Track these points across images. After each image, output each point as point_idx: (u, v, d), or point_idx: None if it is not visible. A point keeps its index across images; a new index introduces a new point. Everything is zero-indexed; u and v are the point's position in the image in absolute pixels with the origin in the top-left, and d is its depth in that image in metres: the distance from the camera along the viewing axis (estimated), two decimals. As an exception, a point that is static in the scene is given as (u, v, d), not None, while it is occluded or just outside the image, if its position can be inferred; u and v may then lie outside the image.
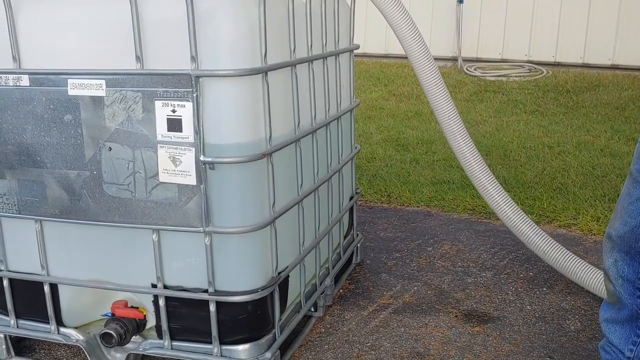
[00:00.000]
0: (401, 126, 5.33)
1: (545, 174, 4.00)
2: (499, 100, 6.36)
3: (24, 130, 1.86)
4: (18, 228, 1.99)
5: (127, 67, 1.75)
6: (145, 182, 1.81)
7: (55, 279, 2.01)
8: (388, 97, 6.59)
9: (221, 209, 1.81)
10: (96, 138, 1.81)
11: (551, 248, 2.52)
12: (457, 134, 2.52)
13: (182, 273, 1.90)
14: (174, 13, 1.69)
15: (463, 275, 2.75)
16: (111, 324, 1.96)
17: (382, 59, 8.82)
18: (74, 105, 1.80)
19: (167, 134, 1.75)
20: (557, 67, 7.87)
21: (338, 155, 2.49)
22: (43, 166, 1.88)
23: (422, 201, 3.61)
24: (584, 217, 3.31)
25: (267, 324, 1.99)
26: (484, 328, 2.33)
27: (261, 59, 1.78)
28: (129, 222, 1.85)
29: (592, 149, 4.57)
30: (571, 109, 5.94)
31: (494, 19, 8.26)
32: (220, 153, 1.76)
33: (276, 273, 1.97)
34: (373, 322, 2.38)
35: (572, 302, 2.51)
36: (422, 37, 2.43)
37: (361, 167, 4.18)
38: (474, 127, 5.27)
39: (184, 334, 1.96)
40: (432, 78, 2.46)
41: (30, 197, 1.92)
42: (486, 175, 2.55)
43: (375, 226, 3.30)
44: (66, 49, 1.80)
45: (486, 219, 3.37)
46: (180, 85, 1.71)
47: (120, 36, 1.74)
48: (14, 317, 2.09)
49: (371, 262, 2.89)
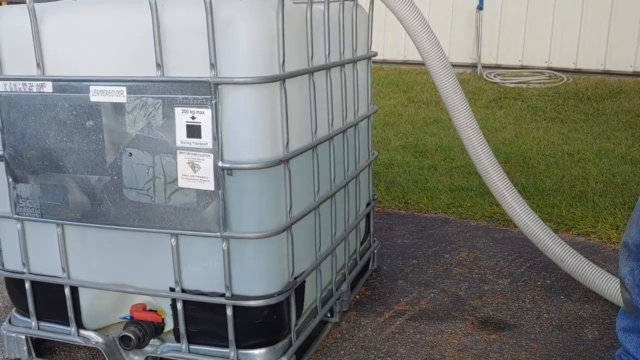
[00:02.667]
0: (420, 133, 5.33)
1: (564, 182, 3.98)
2: (519, 107, 6.33)
3: (47, 135, 1.90)
4: (40, 231, 2.03)
5: (147, 74, 1.78)
6: (164, 187, 1.84)
7: (76, 281, 2.04)
8: (407, 104, 6.59)
9: (238, 214, 1.83)
10: (117, 144, 1.85)
11: (569, 256, 2.51)
12: (475, 142, 2.52)
13: (199, 277, 1.92)
14: (194, 21, 1.72)
15: (480, 283, 2.74)
16: (130, 327, 1.98)
17: (401, 66, 8.83)
18: (95, 111, 1.84)
19: (186, 140, 1.78)
20: (578, 74, 7.82)
21: (355, 162, 2.50)
22: (65, 171, 1.92)
23: (440, 208, 3.61)
24: (603, 225, 3.29)
25: (283, 329, 2.01)
26: (501, 336, 2.33)
27: (279, 67, 1.80)
28: (148, 226, 1.88)
29: (612, 156, 4.54)
30: (591, 116, 5.90)
31: (514, 26, 8.23)
32: (238, 159, 1.79)
33: (292, 278, 1.99)
34: (389, 328, 2.38)
35: (589, 310, 2.50)
36: (439, 45, 2.44)
37: (379, 173, 4.19)
38: (493, 134, 5.25)
39: (201, 337, 1.99)
40: (449, 85, 2.47)
41: (53, 201, 1.96)
42: (504, 183, 2.55)
43: (392, 232, 3.31)
44: (88, 56, 1.84)
45: (504, 226, 3.36)
46: (200, 92, 1.74)
47: (141, 44, 1.78)
48: (35, 319, 2.13)
49: (388, 268, 2.90)
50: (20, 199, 1.99)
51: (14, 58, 1.91)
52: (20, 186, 1.97)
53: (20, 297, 2.13)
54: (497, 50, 8.38)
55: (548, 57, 8.08)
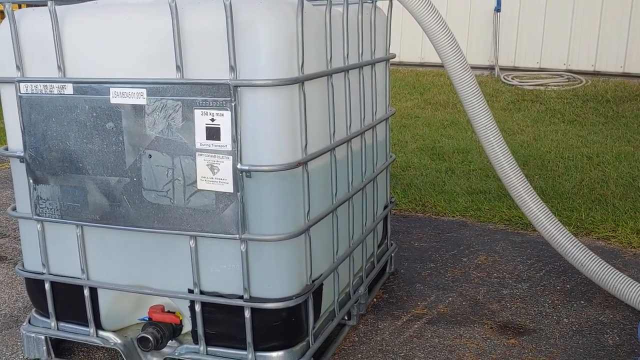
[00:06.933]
0: (437, 135, 5.30)
1: (583, 185, 3.94)
2: (537, 109, 6.29)
3: (67, 137, 1.91)
4: (60, 232, 2.04)
5: (167, 77, 1.79)
6: (183, 189, 1.84)
7: (95, 283, 2.05)
8: (424, 106, 6.56)
9: (257, 217, 1.83)
10: (137, 145, 1.85)
11: (589, 260, 2.48)
12: (495, 144, 2.50)
13: (218, 279, 1.92)
14: (214, 24, 1.72)
15: (499, 287, 2.72)
16: (148, 329, 1.99)
17: (418, 67, 8.80)
18: (115, 113, 1.85)
19: (205, 142, 1.78)
20: (597, 76, 7.74)
21: (373, 164, 2.49)
22: (85, 172, 1.93)
23: (458, 211, 3.59)
24: (623, 229, 3.25)
25: (301, 332, 2.00)
26: (520, 340, 2.30)
27: (298, 69, 1.80)
28: (167, 228, 1.89)
29: (632, 159, 4.48)
30: (611, 118, 5.84)
31: (532, 27, 8.17)
32: (257, 161, 1.78)
33: (310, 281, 1.98)
34: (407, 332, 2.37)
35: (610, 315, 2.47)
36: (459, 46, 2.42)
37: (396, 175, 4.17)
38: (511, 136, 5.22)
39: (219, 339, 1.99)
40: (469, 87, 2.45)
41: (72, 202, 1.97)
42: (524, 186, 2.52)
43: (410, 236, 3.29)
44: (108, 59, 1.85)
45: (523, 230, 3.33)
46: (219, 94, 1.74)
47: (161, 46, 1.78)
48: (54, 319, 2.14)
49: (405, 271, 2.88)
50: (41, 200, 2.00)
51: (35, 60, 1.92)
52: (41, 187, 1.99)
53: (40, 297, 2.14)
54: (514, 52, 8.33)
55: (566, 59, 8.01)
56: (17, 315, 2.52)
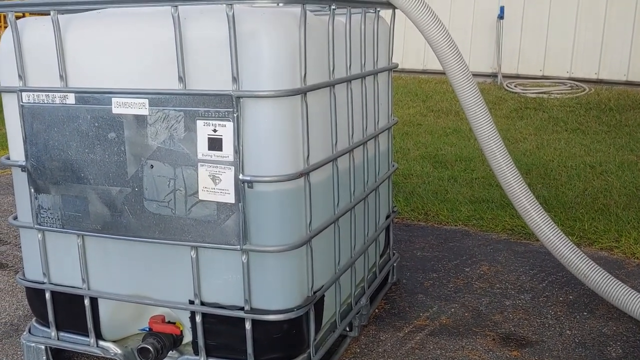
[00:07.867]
0: (439, 143, 5.30)
1: (586, 194, 3.92)
2: (540, 117, 6.28)
3: (69, 146, 1.91)
4: (60, 242, 2.04)
5: (169, 87, 1.78)
6: (185, 200, 1.83)
7: (96, 292, 2.04)
8: (426, 113, 6.56)
9: (258, 227, 1.82)
10: (138, 155, 1.85)
11: (592, 271, 2.46)
12: (497, 153, 2.49)
13: (219, 290, 1.91)
14: (216, 34, 1.72)
15: (501, 298, 2.70)
16: (148, 339, 1.98)
17: (420, 75, 8.80)
18: (117, 123, 1.84)
19: (207, 152, 1.78)
20: (600, 84, 7.74)
21: (375, 174, 2.48)
22: (86, 182, 1.92)
23: (460, 220, 3.58)
24: (626, 239, 3.23)
25: (302, 343, 1.99)
26: (522, 352, 2.29)
27: (301, 80, 1.79)
28: (169, 238, 1.88)
29: (635, 169, 4.47)
30: (614, 127, 5.83)
31: (535, 35, 8.17)
32: (259, 172, 1.78)
33: (312, 292, 1.97)
34: (409, 343, 2.36)
35: (613, 327, 2.45)
36: (461, 54, 2.41)
37: (398, 183, 4.17)
38: (514, 144, 5.21)
39: (220, 350, 1.98)
40: (471, 95, 2.44)
41: (74, 212, 1.96)
42: (526, 195, 2.51)
43: (412, 245, 3.28)
44: (111, 69, 1.85)
45: (525, 239, 3.32)
46: (222, 105, 1.73)
47: (164, 57, 1.78)
48: (54, 329, 2.13)
49: (407, 281, 2.87)
50: (42, 210, 1.99)
51: (37, 70, 1.92)
52: (42, 197, 1.98)
53: (41, 306, 2.14)
54: (517, 60, 8.33)
55: (570, 67, 8.01)
56: (17, 324, 2.51)
